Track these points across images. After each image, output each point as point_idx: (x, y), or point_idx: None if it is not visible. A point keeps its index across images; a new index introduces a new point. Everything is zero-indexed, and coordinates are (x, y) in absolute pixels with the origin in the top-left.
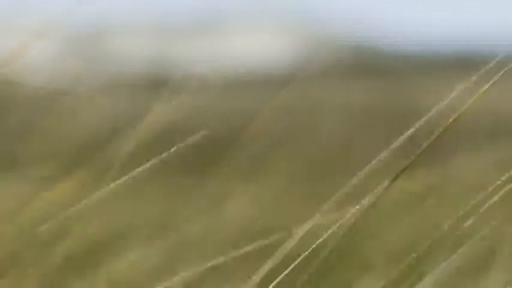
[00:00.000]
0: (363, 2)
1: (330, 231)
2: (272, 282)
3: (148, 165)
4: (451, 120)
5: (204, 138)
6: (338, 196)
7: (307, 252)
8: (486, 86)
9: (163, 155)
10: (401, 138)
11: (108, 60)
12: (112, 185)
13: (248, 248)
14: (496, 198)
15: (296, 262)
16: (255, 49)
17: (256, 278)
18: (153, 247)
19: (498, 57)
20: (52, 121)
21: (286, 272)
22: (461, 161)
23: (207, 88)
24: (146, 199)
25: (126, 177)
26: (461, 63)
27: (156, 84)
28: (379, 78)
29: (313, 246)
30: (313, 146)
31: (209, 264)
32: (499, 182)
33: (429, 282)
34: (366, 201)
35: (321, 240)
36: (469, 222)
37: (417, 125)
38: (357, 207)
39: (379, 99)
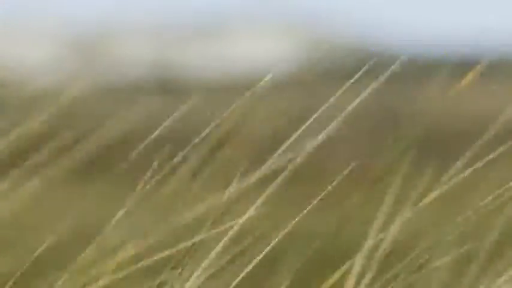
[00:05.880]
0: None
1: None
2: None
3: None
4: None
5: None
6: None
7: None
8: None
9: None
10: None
11: (109, 63)
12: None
13: None
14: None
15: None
16: (256, 52)
17: None
18: None
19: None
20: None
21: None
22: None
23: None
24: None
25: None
26: (460, 65)
27: (158, 87)
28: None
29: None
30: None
31: None
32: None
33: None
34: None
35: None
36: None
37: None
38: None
39: (379, 101)
